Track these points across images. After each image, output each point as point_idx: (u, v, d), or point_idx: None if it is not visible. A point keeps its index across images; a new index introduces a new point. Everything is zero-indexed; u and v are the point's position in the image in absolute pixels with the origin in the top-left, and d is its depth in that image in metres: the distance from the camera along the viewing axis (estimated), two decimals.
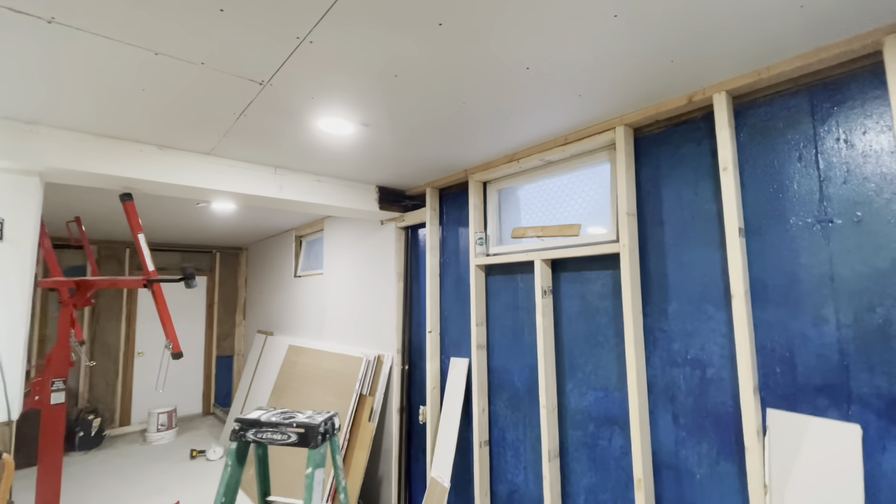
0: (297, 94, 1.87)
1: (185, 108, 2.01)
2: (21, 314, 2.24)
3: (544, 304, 2.57)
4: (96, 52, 1.54)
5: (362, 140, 2.45)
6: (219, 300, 7.65)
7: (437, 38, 1.48)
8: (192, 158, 2.62)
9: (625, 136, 2.18)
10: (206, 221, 5.15)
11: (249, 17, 1.36)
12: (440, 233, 3.50)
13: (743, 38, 1.51)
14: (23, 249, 2.25)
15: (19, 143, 2.14)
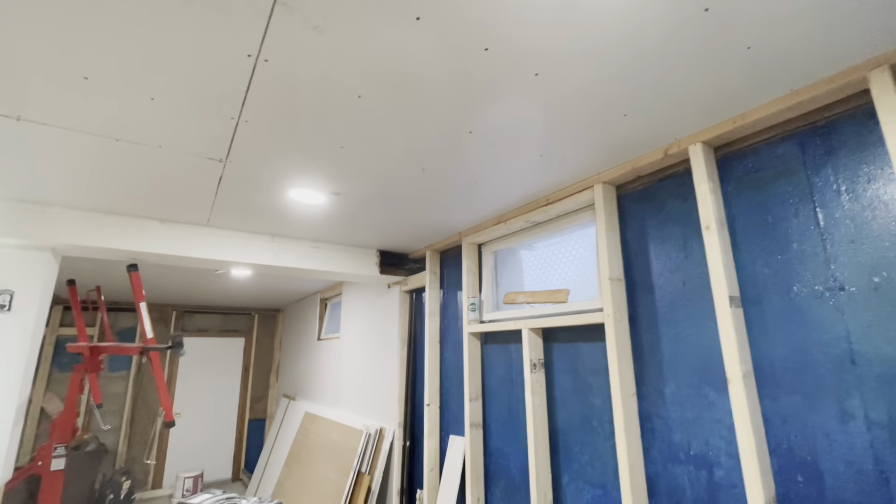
0: (257, 168, 1.92)
1: (165, 186, 2.13)
2: (17, 381, 2.34)
3: (534, 379, 2.30)
4: (66, 142, 1.68)
5: (342, 207, 2.46)
6: (254, 362, 7.82)
7: (379, 116, 1.46)
8: (190, 230, 2.75)
9: (604, 193, 2.00)
10: (236, 285, 5.38)
11: (182, 103, 1.42)
12: (440, 297, 3.36)
13: (704, 86, 1.35)
14: (28, 320, 2.40)
15: (31, 222, 2.35)
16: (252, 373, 7.73)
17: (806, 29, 1.12)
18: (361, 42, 1.15)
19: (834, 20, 1.08)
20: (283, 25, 1.09)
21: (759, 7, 1.05)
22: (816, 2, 1.04)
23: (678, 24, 1.10)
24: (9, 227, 2.28)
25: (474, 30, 1.11)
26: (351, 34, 1.12)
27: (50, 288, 2.54)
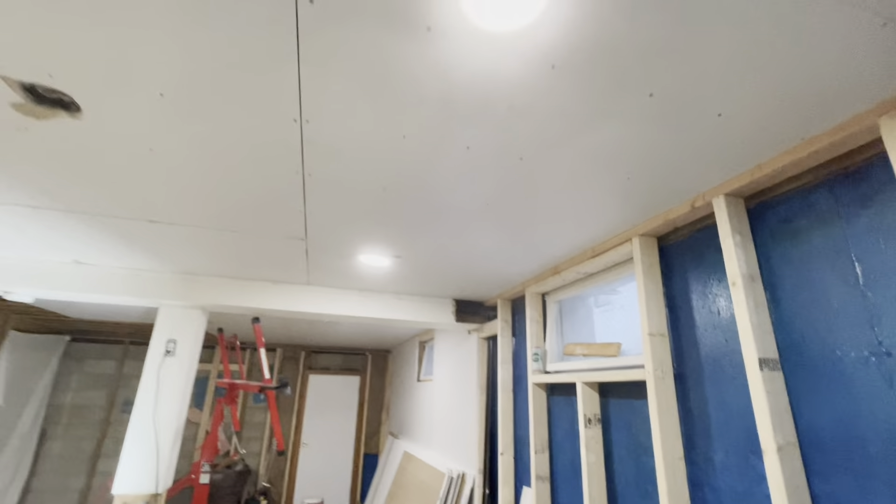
0: (329, 241, 2.36)
1: (269, 258, 2.71)
2: (178, 408, 3.06)
3: (589, 435, 2.26)
4: (191, 235, 2.31)
5: (406, 267, 2.80)
6: (368, 399, 8.51)
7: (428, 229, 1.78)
8: (295, 289, 3.36)
9: (641, 246, 1.99)
10: (349, 329, 6.10)
11: (263, 204, 1.90)
12: (513, 345, 3.45)
13: (717, 137, 1.38)
14: (185, 361, 3.15)
15: (187, 288, 3.15)
16: (366, 410, 8.41)
17: (810, 77, 1.11)
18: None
19: (840, 66, 1.06)
20: (312, 149, 1.46)
21: (756, 60, 1.11)
22: (818, 52, 1.06)
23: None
24: (174, 292, 3.09)
25: (512, 148, 1.35)
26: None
27: (200, 336, 3.31)
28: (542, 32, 0.97)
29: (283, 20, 0.96)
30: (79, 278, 2.92)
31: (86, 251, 2.67)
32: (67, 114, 1.32)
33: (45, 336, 5.92)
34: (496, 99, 1.18)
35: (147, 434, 2.89)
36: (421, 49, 1.02)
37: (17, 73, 1.14)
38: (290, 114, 1.28)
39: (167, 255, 2.70)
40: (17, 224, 2.21)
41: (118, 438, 6.39)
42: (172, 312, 3.15)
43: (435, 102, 1.21)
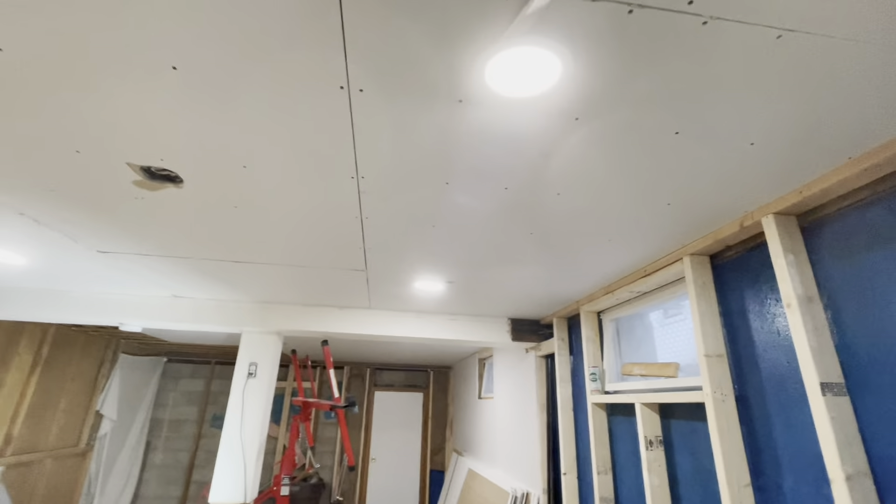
0: (387, 272, 2.56)
1: (335, 287, 2.96)
2: (260, 425, 3.38)
3: (651, 458, 2.22)
4: (268, 272, 2.59)
5: (458, 291, 2.93)
6: (432, 416, 8.66)
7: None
8: (359, 313, 3.60)
9: (692, 265, 1.97)
10: (410, 346, 6.32)
11: (325, 244, 2.13)
12: (570, 363, 3.44)
13: (748, 164, 1.39)
14: (264, 382, 3.48)
15: (265, 315, 3.49)
16: (430, 426, 8.57)
17: (854, 96, 1.12)
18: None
19: (883, 86, 1.06)
20: (367, 198, 1.65)
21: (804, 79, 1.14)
22: (862, 72, 1.07)
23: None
24: (253, 319, 3.44)
25: (547, 186, 1.47)
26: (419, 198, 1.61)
27: (277, 359, 3.64)
28: (560, 95, 1.07)
29: (340, 111, 1.14)
30: (176, 310, 3.35)
31: (182, 287, 3.08)
32: (173, 185, 1.60)
33: (147, 358, 6.71)
34: (527, 148, 1.29)
35: (235, 449, 3.22)
36: (454, 116, 1.16)
37: (138, 160, 1.43)
38: (349, 172, 1.47)
39: (248, 287, 3.04)
40: (128, 268, 2.63)
41: (208, 450, 7.03)
42: (252, 338, 3.50)
43: (471, 154, 1.34)
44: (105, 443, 5.78)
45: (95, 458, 5.66)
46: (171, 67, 1.03)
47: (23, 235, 2.11)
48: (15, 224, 1.97)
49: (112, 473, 6.03)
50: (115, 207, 1.79)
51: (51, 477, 4.98)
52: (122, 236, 2.10)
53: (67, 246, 2.24)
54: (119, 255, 2.39)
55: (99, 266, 2.59)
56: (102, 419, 5.76)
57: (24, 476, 4.61)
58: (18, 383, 4.43)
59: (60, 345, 4.96)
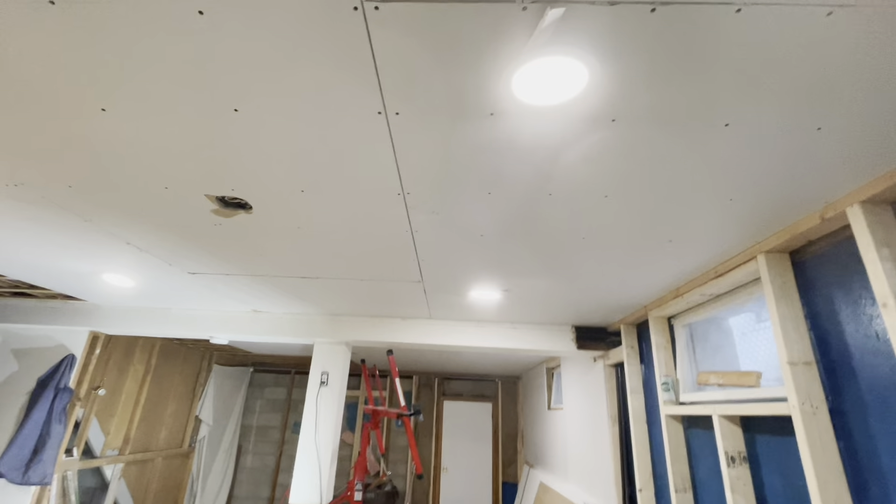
0: (442, 282, 2.61)
1: (396, 298, 3.07)
2: (333, 432, 3.57)
3: (734, 475, 2.03)
4: (332, 286, 2.75)
5: (515, 299, 2.91)
6: (502, 427, 8.55)
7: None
8: (420, 323, 3.69)
9: (768, 264, 1.80)
10: (475, 356, 6.33)
11: (384, 255, 2.23)
12: (642, 372, 3.25)
13: (820, 151, 1.27)
14: (335, 390, 3.68)
15: (334, 327, 3.70)
16: (501, 437, 8.46)
17: None
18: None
19: None
20: (415, 212, 1.71)
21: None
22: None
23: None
24: (325, 331, 3.66)
25: (593, 189, 1.47)
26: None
27: (346, 368, 3.83)
28: (593, 98, 1.05)
29: (380, 134, 1.21)
30: (257, 324, 3.66)
31: (260, 303, 3.37)
32: (244, 211, 1.78)
33: (236, 368, 7.35)
34: (566, 153, 1.28)
35: (311, 454, 3.42)
36: (487, 129, 1.18)
37: (214, 191, 1.62)
38: (395, 189, 1.54)
39: (318, 301, 3.25)
40: (214, 286, 2.93)
41: (290, 455, 7.50)
42: (324, 348, 3.72)
43: (511, 164, 1.35)
44: (204, 445, 6.41)
45: (196, 458, 6.29)
46: (233, 110, 1.17)
47: (130, 261, 2.45)
48: (123, 251, 2.30)
49: (211, 473, 6.65)
50: (199, 233, 2.02)
51: (161, 474, 5.61)
52: (207, 258, 2.36)
53: (164, 269, 2.56)
54: (206, 276, 2.68)
55: (190, 286, 2.92)
56: (201, 424, 6.39)
57: (140, 472, 5.24)
58: (134, 391, 5.06)
59: (165, 357, 5.60)
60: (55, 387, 3.43)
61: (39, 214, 1.89)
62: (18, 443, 3.17)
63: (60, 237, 2.13)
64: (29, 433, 3.22)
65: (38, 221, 1.96)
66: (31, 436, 3.22)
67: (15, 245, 2.29)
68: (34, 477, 3.19)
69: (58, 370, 3.52)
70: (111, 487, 4.77)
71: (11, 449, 3.15)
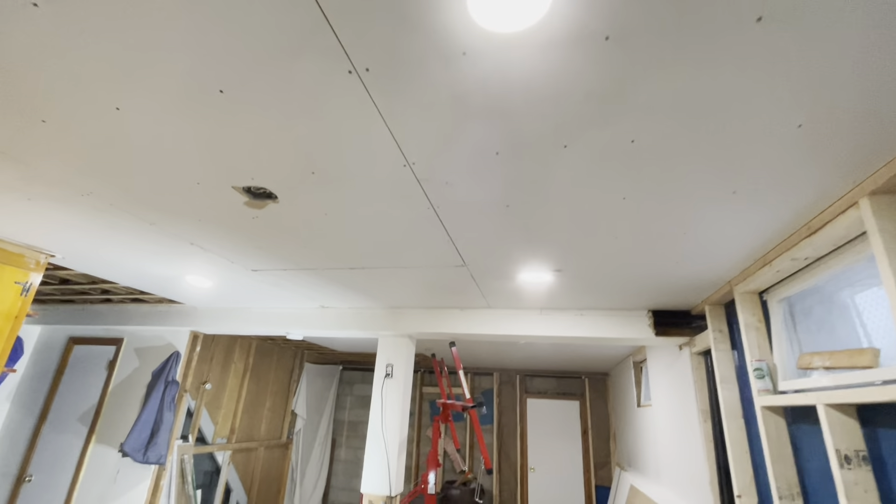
0: (486, 264, 2.48)
1: (450, 287, 3.00)
2: (399, 423, 3.61)
3: (849, 479, 1.63)
4: (380, 277, 2.76)
5: (572, 280, 2.67)
6: (592, 426, 8.04)
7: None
8: (478, 313, 3.58)
9: (874, 209, 1.41)
10: (555, 351, 6.03)
11: (418, 237, 2.17)
12: (735, 360, 2.80)
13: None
14: (400, 382, 3.71)
15: (396, 319, 3.74)
16: (591, 437, 7.96)
17: None
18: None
19: None
20: (429, 185, 1.63)
21: None
22: None
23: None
24: (385, 324, 3.73)
25: (619, 136, 1.30)
26: None
27: (411, 360, 3.85)
28: (565, 16, 0.88)
29: (360, 95, 1.16)
30: (325, 319, 3.85)
31: (325, 298, 3.52)
32: (272, 201, 1.84)
33: (326, 366, 7.85)
34: (570, 91, 1.10)
35: (378, 445, 3.49)
36: (468, 71, 1.06)
37: (238, 182, 1.69)
38: (398, 160, 1.48)
39: (376, 294, 3.31)
40: (277, 282, 3.12)
41: None
42: (387, 341, 3.79)
43: (510, 113, 1.21)
44: (300, 438, 6.93)
45: (294, 450, 6.82)
46: (219, 91, 1.19)
47: (200, 262, 2.70)
48: (191, 252, 2.54)
49: (309, 464, 7.17)
50: (241, 228, 2.15)
51: (264, 463, 6.17)
52: (259, 254, 2.51)
53: (229, 266, 2.78)
54: (266, 272, 2.87)
55: (257, 284, 3.15)
56: (297, 417, 6.92)
57: (246, 460, 5.81)
58: (236, 387, 5.64)
59: (261, 355, 6.17)
60: (165, 379, 3.92)
61: (115, 221, 2.15)
62: (138, 427, 3.68)
63: (138, 241, 2.41)
64: (146, 419, 3.72)
65: (117, 228, 2.23)
66: (148, 421, 3.72)
67: (112, 253, 2.65)
68: (152, 457, 3.67)
69: (167, 365, 4.02)
70: (223, 472, 5.34)
71: (133, 432, 3.66)
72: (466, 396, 3.74)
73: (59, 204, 1.99)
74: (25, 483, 3.98)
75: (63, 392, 4.26)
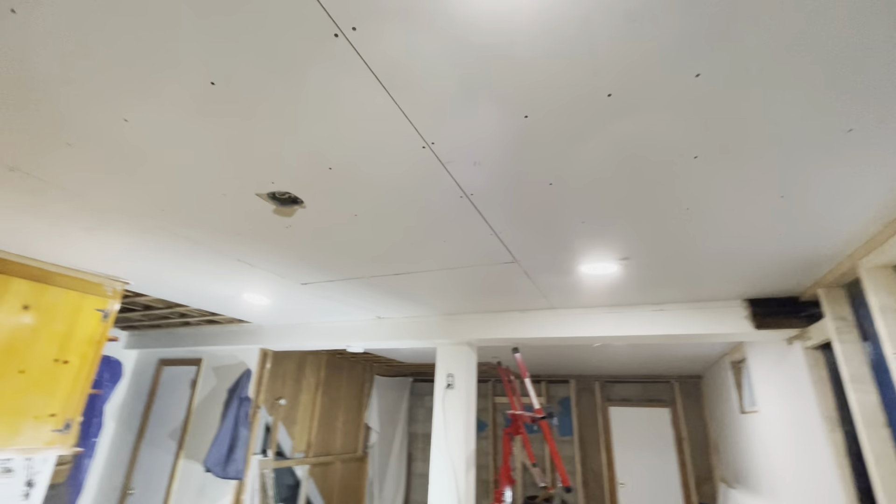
0: (538, 258, 2.22)
1: (503, 287, 2.76)
2: (465, 435, 3.40)
3: None
4: (428, 281, 2.60)
5: (644, 270, 2.32)
6: (688, 436, 7.23)
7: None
8: (540, 315, 3.29)
9: None
10: (634, 353, 5.48)
11: (466, 247, 1.98)
12: (869, 352, 2.26)
13: None
14: (462, 392, 3.51)
15: (451, 326, 3.56)
16: (687, 448, 7.14)
17: None
18: None
19: None
20: (455, 168, 1.44)
21: None
22: None
23: None
24: (443, 332, 3.56)
25: (683, 60, 1.06)
26: None
27: (473, 369, 3.64)
28: None
29: (353, 62, 1.01)
30: (382, 330, 3.77)
31: (379, 308, 3.44)
32: (299, 206, 1.76)
33: (396, 378, 7.86)
34: (595, 22, 0.86)
35: (444, 459, 3.30)
36: (468, 21, 0.87)
37: (261, 189, 1.62)
38: (416, 142, 1.31)
39: (427, 301, 3.16)
40: (329, 295, 3.08)
41: None
42: (446, 349, 3.61)
43: (532, 64, 0.98)
44: (375, 451, 6.94)
45: (371, 463, 6.85)
46: (210, 82, 1.11)
47: (251, 278, 2.73)
48: (240, 269, 2.56)
49: (386, 478, 7.16)
50: (278, 239, 2.10)
51: (342, 476, 6.24)
52: (303, 266, 2.47)
53: (279, 282, 2.78)
54: (315, 285, 2.83)
55: (310, 297, 3.13)
56: (370, 431, 6.96)
57: (324, 474, 5.91)
58: (309, 401, 5.78)
59: (331, 369, 6.29)
60: (238, 396, 4.06)
61: (165, 243, 2.20)
62: (217, 443, 3.83)
63: (189, 262, 2.47)
64: (224, 435, 3.87)
65: (168, 250, 2.30)
66: (225, 437, 3.86)
67: (173, 276, 2.76)
68: (231, 472, 3.79)
69: (239, 382, 4.18)
70: (303, 486, 5.46)
71: (213, 448, 3.81)
72: (535, 406, 3.44)
73: (113, 231, 2.07)
74: (129, 496, 4.32)
75: (156, 411, 4.59)
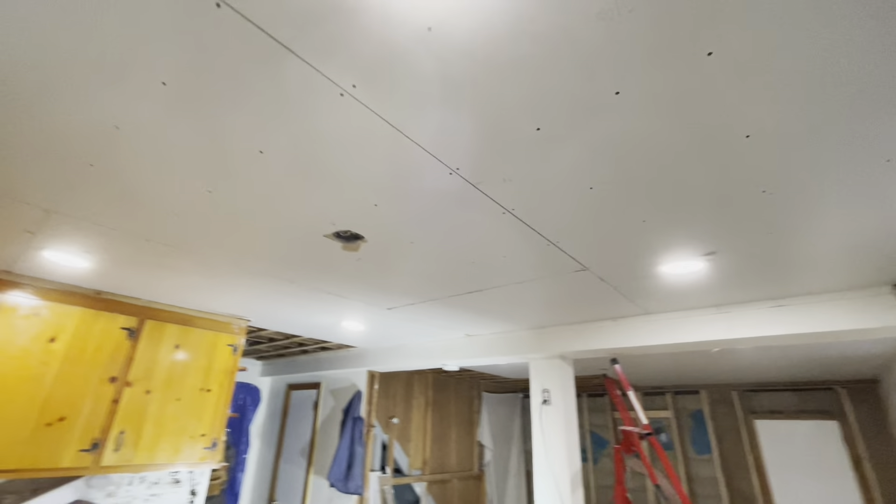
0: (610, 262, 2.10)
1: (586, 296, 2.64)
2: (566, 454, 3.25)
3: None
4: (504, 296, 2.59)
5: (734, 263, 2.04)
6: (867, 455, 5.90)
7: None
8: (635, 322, 3.04)
9: None
10: (795, 351, 4.72)
11: (529, 254, 1.98)
12: None
13: None
14: (560, 408, 3.38)
15: (542, 340, 3.47)
16: (871, 471, 5.81)
17: None
18: None
19: None
20: (488, 188, 1.46)
21: None
22: None
23: None
24: (533, 346, 3.49)
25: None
26: None
27: (569, 383, 3.48)
28: None
29: (364, 116, 1.12)
30: (473, 347, 3.82)
31: (465, 326, 3.52)
32: (362, 242, 1.94)
33: (506, 395, 7.79)
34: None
35: (548, 480, 3.19)
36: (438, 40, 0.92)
37: (325, 230, 1.83)
38: (443, 170, 1.38)
39: (507, 315, 3.15)
40: (415, 318, 3.24)
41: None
42: (539, 364, 3.52)
43: (525, 73, 1.00)
44: (491, 469, 6.92)
45: (488, 481, 6.83)
46: (258, 152, 1.31)
47: (344, 308, 3.01)
48: (331, 301, 2.85)
49: (506, 497, 7.07)
50: (355, 271, 2.31)
51: (460, 494, 6.33)
52: (383, 293, 2.66)
53: (368, 309, 3.02)
54: (398, 309, 3.02)
55: (397, 321, 3.33)
56: (484, 449, 6.97)
57: (442, 491, 6.06)
58: (421, 420, 6.03)
59: (439, 389, 6.49)
60: (352, 416, 4.43)
61: (272, 285, 2.57)
62: (337, 460, 4.21)
63: (292, 298, 2.83)
64: (342, 453, 4.24)
65: (276, 290, 2.67)
66: (343, 455, 4.23)
67: (284, 311, 3.18)
68: (351, 487, 4.13)
69: (352, 403, 4.56)
70: (422, 503, 5.68)
71: (334, 465, 4.20)
72: (643, 422, 3.16)
73: (229, 278, 2.49)
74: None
75: (288, 430, 5.22)
